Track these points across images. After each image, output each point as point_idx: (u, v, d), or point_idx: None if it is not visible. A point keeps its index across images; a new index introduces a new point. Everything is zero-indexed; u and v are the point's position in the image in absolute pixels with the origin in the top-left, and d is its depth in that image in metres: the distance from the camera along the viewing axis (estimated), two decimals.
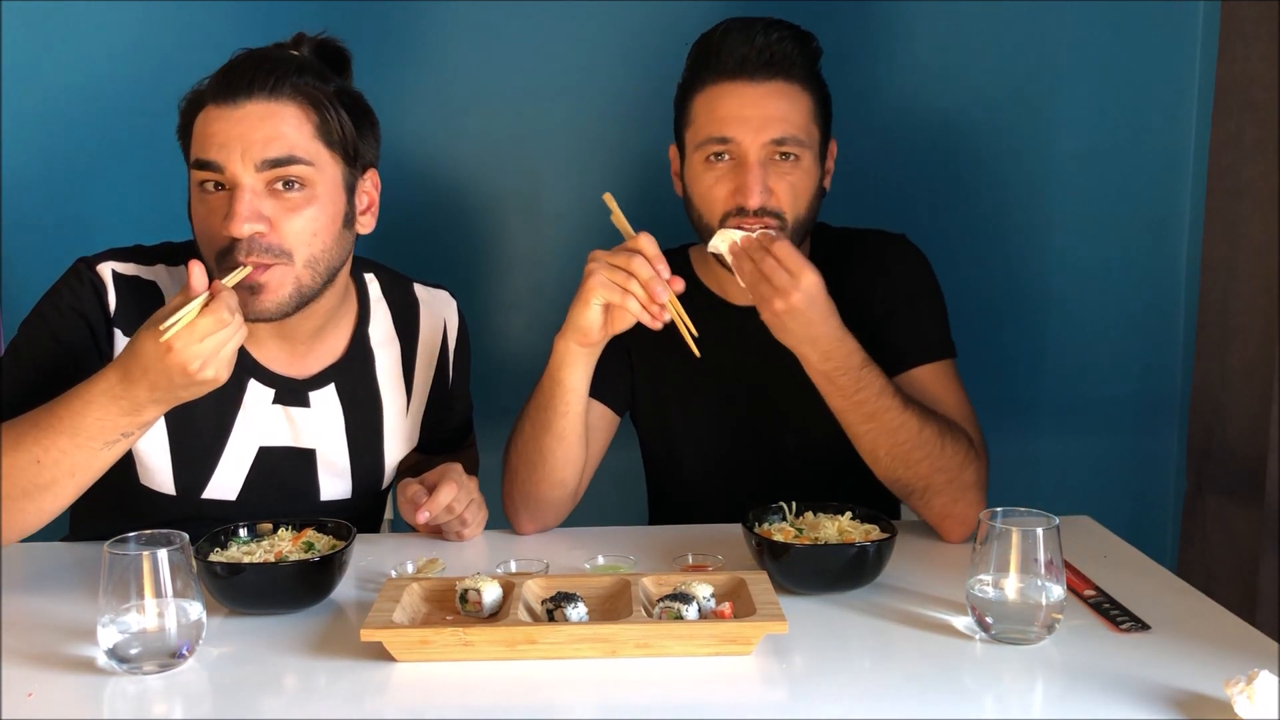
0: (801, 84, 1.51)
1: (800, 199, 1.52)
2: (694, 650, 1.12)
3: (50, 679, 1.09)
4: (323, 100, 1.37)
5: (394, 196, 2.02)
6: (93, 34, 1.95)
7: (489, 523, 1.56)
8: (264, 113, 1.33)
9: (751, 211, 1.48)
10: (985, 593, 1.16)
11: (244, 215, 1.30)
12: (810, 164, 1.52)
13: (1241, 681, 0.97)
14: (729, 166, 1.50)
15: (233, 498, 1.47)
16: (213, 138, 1.33)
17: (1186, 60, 2.03)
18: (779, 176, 1.49)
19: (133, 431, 1.26)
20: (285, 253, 1.34)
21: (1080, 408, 2.13)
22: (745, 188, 1.48)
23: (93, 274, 1.41)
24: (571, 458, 1.49)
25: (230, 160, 1.32)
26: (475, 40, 2.01)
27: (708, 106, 1.52)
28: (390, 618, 1.13)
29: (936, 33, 2.02)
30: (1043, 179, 2.07)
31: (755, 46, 1.48)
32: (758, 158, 1.48)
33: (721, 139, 1.49)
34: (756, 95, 1.49)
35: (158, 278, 1.44)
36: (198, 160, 1.34)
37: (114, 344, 1.40)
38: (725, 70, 1.50)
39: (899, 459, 1.43)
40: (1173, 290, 2.10)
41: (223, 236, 1.32)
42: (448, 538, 1.49)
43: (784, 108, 1.49)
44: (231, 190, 1.33)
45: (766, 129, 1.48)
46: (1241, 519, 1.81)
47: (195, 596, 1.11)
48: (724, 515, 1.53)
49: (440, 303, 1.63)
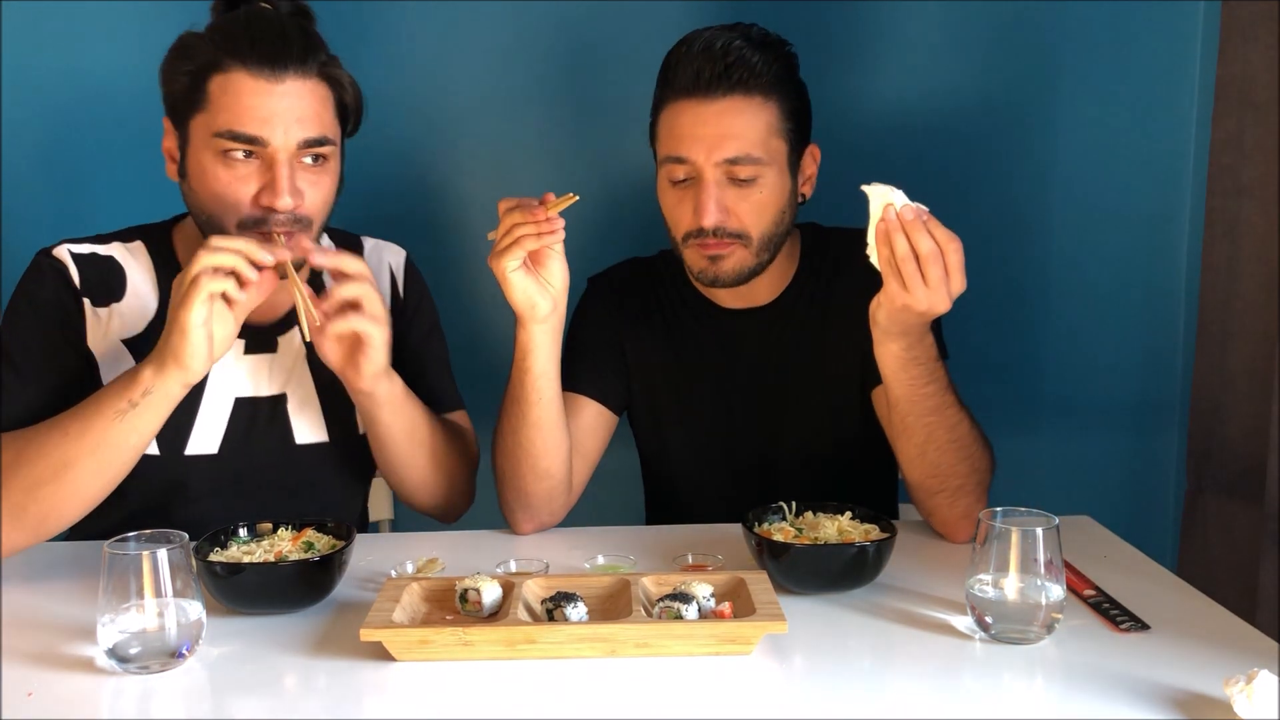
0: (763, 95, 1.48)
1: (765, 216, 1.51)
2: (694, 650, 1.12)
3: (50, 679, 1.09)
4: (341, 80, 1.44)
5: (393, 197, 2.05)
6: (93, 33, 1.95)
7: (488, 523, 1.56)
8: (303, 91, 1.38)
9: (709, 232, 1.49)
10: (985, 592, 1.16)
11: (287, 190, 1.37)
12: (775, 179, 1.50)
13: (1241, 681, 0.97)
14: (689, 186, 1.50)
15: (214, 450, 1.49)
16: (252, 111, 1.36)
17: (1186, 60, 2.03)
18: (739, 198, 1.49)
19: (136, 398, 1.29)
20: (308, 221, 1.41)
21: (1080, 408, 2.13)
22: (701, 208, 1.48)
23: (51, 259, 1.48)
24: (552, 446, 1.47)
25: (273, 136, 1.36)
26: (475, 41, 2.02)
27: (667, 125, 1.52)
28: (390, 617, 1.13)
29: (935, 33, 2.02)
30: (1043, 179, 2.07)
31: (711, 59, 1.46)
32: (713, 177, 1.48)
33: (678, 159, 1.49)
34: (710, 113, 1.47)
35: (114, 253, 1.51)
36: (231, 133, 1.36)
37: (84, 314, 1.47)
38: (681, 87, 1.48)
39: (947, 453, 1.42)
40: (1173, 290, 2.10)
41: (253, 205, 1.38)
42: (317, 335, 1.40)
43: (738, 125, 1.47)
44: (269, 164, 1.38)
45: (719, 148, 1.47)
46: (1241, 519, 1.81)
47: (195, 596, 1.11)
48: (717, 517, 1.53)
49: (385, 248, 1.66)
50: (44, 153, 1.99)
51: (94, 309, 1.47)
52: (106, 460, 1.31)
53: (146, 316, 1.49)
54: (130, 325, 1.48)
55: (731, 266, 1.53)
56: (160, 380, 1.29)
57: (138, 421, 1.30)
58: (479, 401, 1.73)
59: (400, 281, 1.64)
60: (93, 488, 1.33)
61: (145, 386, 1.29)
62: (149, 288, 1.50)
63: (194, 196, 1.42)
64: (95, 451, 1.30)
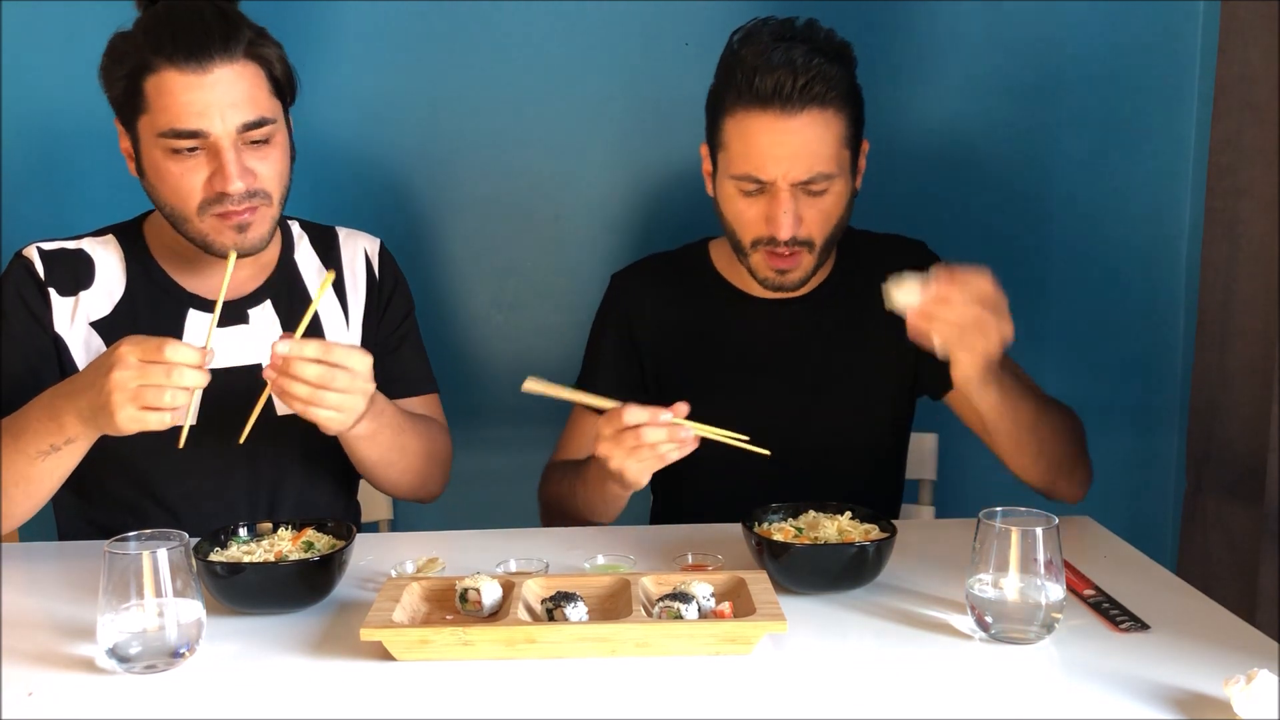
0: (835, 108, 1.48)
1: (830, 220, 1.53)
2: (694, 650, 1.12)
3: (50, 679, 1.10)
4: (268, 56, 1.45)
5: (393, 196, 2.05)
6: (93, 34, 1.94)
7: (488, 523, 1.56)
8: (233, 76, 1.40)
9: (782, 242, 1.50)
10: (985, 592, 1.16)
11: (236, 174, 1.40)
12: (841, 186, 1.52)
13: (1241, 681, 0.97)
14: (759, 194, 1.50)
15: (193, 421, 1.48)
16: (188, 106, 1.39)
17: (1186, 60, 2.03)
18: (809, 204, 1.50)
19: (59, 444, 1.33)
20: (267, 194, 1.45)
21: (1080, 408, 2.12)
22: (776, 221, 1.49)
23: (21, 259, 1.54)
24: (624, 505, 1.54)
25: (212, 126, 1.39)
26: (474, 41, 2.01)
27: (740, 135, 1.49)
28: (390, 617, 1.13)
29: (935, 33, 2.02)
30: (1042, 178, 2.07)
31: (793, 73, 1.44)
32: (789, 190, 1.48)
33: (754, 179, 1.49)
34: (788, 129, 1.46)
35: (84, 246, 1.56)
36: (174, 130, 1.40)
37: (49, 305, 1.52)
38: (759, 97, 1.46)
39: (1056, 446, 1.51)
40: (1173, 290, 2.10)
41: (207, 190, 1.41)
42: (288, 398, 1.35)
43: (815, 141, 1.47)
44: (214, 152, 1.41)
45: (797, 167, 1.47)
46: (1241, 519, 1.81)
47: (195, 596, 1.11)
48: (728, 513, 1.53)
49: (359, 236, 1.69)
50: (43, 153, 1.99)
51: (60, 297, 1.52)
52: (31, 491, 1.38)
53: (114, 299, 1.54)
54: (98, 308, 1.53)
55: (799, 275, 1.55)
56: (84, 433, 1.33)
57: (62, 460, 1.36)
58: (455, 397, 1.74)
59: (375, 266, 1.67)
60: (24, 507, 1.39)
61: (69, 435, 1.33)
62: (117, 272, 1.55)
63: (154, 192, 1.47)
64: (18, 484, 1.37)
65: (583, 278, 2.01)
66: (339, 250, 1.66)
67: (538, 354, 2.09)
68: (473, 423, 2.04)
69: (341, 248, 1.66)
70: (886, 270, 1.33)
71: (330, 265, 1.64)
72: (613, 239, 2.06)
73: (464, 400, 2.06)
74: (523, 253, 2.08)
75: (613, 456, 1.34)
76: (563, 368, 1.70)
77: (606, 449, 1.34)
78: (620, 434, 1.32)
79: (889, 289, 1.30)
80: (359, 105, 2.00)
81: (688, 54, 1.99)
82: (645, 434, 1.31)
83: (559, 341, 2.01)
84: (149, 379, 1.24)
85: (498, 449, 2.07)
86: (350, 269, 1.65)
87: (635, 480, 1.36)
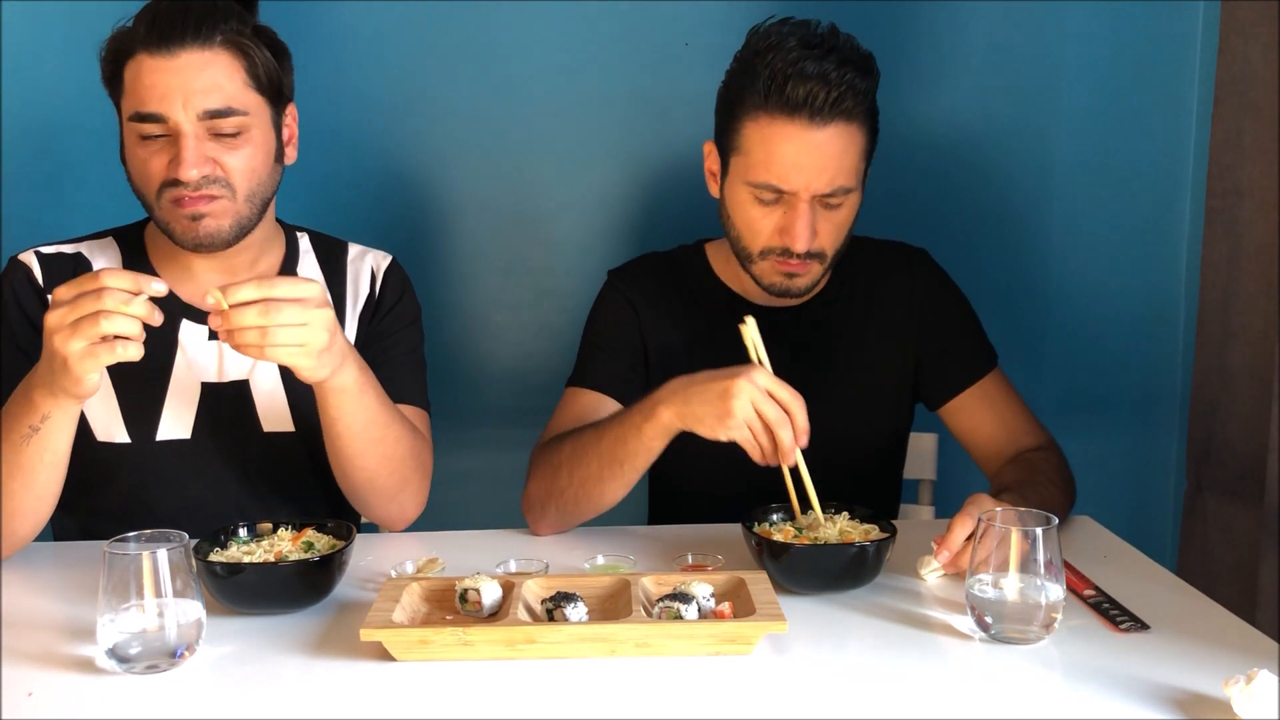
0: (859, 122, 1.47)
1: (842, 232, 1.53)
2: (694, 650, 1.12)
3: (50, 679, 1.10)
4: (249, 46, 1.43)
5: (394, 197, 2.05)
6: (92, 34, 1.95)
7: (488, 522, 1.56)
8: (200, 63, 1.39)
9: (797, 255, 1.49)
10: (985, 592, 1.16)
11: (192, 161, 1.39)
12: (856, 199, 1.52)
13: (1241, 681, 0.97)
14: (775, 204, 1.49)
15: (186, 435, 1.50)
16: (151, 89, 1.39)
17: (1186, 60, 2.03)
18: (826, 217, 1.49)
19: (36, 424, 1.31)
20: (229, 186, 1.43)
21: (1080, 408, 2.13)
22: (792, 233, 1.47)
23: (18, 263, 1.54)
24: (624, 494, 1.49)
25: (173, 110, 1.39)
26: (473, 41, 2.01)
27: (762, 141, 1.46)
28: (390, 617, 1.13)
29: (935, 33, 2.02)
30: (1042, 179, 2.07)
31: (826, 85, 1.42)
32: (809, 202, 1.47)
33: (774, 188, 1.47)
34: (815, 142, 1.44)
35: (82, 249, 1.56)
36: (138, 114, 1.40)
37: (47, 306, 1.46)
38: (789, 105, 1.43)
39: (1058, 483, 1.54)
40: (1173, 290, 2.10)
41: (165, 176, 1.41)
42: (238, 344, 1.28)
43: (838, 155, 1.45)
44: (175, 138, 1.40)
45: (820, 179, 1.45)
46: (1241, 519, 1.81)
47: (195, 596, 1.11)
48: (728, 513, 1.53)
49: (370, 253, 1.65)
50: (43, 154, 1.99)
51: None
52: (28, 480, 1.35)
53: None
54: None
55: (807, 282, 1.54)
56: (55, 404, 1.30)
57: (46, 441, 1.33)
58: (455, 397, 1.73)
59: (378, 283, 1.62)
60: (28, 503, 1.36)
61: (43, 412, 1.31)
62: None
63: (129, 179, 1.46)
64: (15, 475, 1.34)
65: (583, 278, 2.00)
66: (345, 265, 1.62)
67: (538, 354, 2.09)
68: (472, 423, 2.04)
69: (349, 263, 1.63)
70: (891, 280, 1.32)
71: (334, 280, 1.60)
72: (613, 239, 2.06)
73: (464, 400, 2.06)
74: (523, 253, 2.09)
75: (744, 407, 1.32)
76: (563, 367, 1.69)
77: (744, 387, 1.32)
78: (778, 390, 1.32)
79: (921, 574, 1.33)
80: (359, 105, 2.00)
81: (688, 54, 1.99)
82: (782, 433, 1.31)
83: (559, 341, 2.01)
84: (82, 310, 1.20)
85: (498, 449, 2.06)
86: (353, 285, 1.62)
87: (725, 422, 1.32)
